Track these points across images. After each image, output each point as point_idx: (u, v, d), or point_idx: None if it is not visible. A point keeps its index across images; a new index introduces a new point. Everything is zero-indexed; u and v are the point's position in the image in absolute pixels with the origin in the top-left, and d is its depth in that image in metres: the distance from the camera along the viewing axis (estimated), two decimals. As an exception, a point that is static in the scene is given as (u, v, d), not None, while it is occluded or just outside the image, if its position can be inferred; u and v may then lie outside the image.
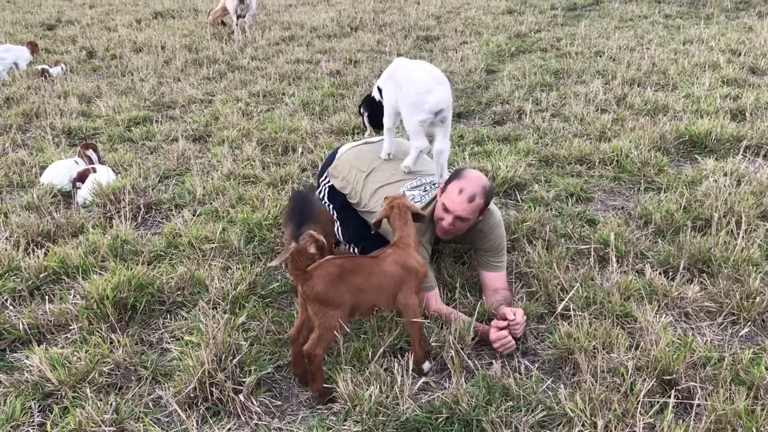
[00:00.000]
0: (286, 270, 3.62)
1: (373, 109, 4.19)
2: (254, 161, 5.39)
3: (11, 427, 2.66)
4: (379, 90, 3.97)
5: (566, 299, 3.30)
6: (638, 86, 7.24)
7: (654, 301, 3.39)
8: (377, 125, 4.16)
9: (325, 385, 2.83)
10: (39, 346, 3.11)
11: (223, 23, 11.66)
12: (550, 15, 12.15)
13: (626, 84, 7.29)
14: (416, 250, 3.03)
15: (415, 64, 3.75)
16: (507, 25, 11.15)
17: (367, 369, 2.90)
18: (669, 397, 2.64)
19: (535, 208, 4.38)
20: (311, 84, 7.99)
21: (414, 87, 3.56)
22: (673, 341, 3.03)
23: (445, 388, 2.89)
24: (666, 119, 6.08)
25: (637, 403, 2.61)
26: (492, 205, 3.44)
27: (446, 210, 3.25)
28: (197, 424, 2.69)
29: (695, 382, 2.76)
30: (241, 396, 2.78)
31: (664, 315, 3.28)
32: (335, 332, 2.77)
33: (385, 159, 3.85)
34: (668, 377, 2.79)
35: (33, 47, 9.33)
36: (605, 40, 9.75)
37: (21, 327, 3.26)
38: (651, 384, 2.71)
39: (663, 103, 6.52)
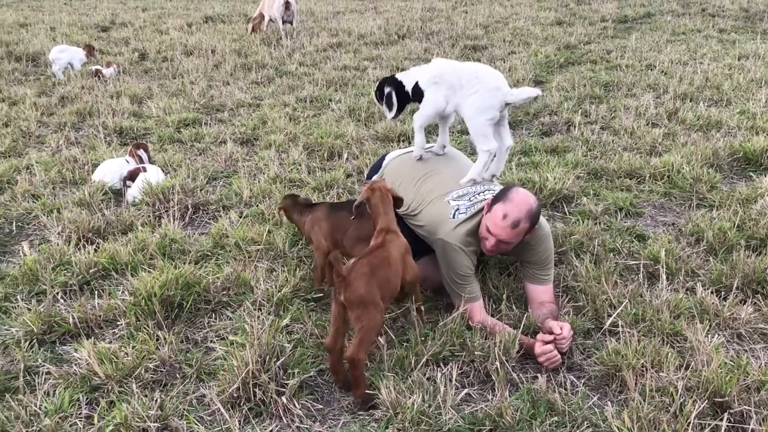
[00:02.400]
0: (324, 284, 3.62)
1: (398, 89, 3.92)
2: (300, 165, 5.43)
3: (60, 417, 2.71)
4: (416, 90, 3.83)
5: (614, 315, 3.24)
6: (690, 101, 7.09)
7: (705, 321, 3.30)
8: (394, 104, 3.92)
9: (367, 391, 2.82)
10: (88, 339, 3.17)
11: (254, 29, 11.77)
12: (600, 27, 12.00)
13: (678, 98, 7.15)
14: (399, 232, 3.16)
15: (465, 65, 3.75)
16: (556, 36, 11.05)
17: (410, 377, 2.88)
18: (721, 420, 2.56)
19: (583, 222, 4.31)
20: (358, 91, 8.03)
21: (483, 85, 3.56)
22: (726, 363, 2.94)
23: (488, 400, 2.85)
24: (719, 135, 5.94)
25: (688, 425, 2.54)
26: (540, 218, 3.39)
27: (489, 232, 3.22)
28: (240, 424, 2.70)
29: (749, 406, 2.66)
30: (283, 398, 2.79)
31: (715, 335, 3.18)
32: (378, 333, 2.79)
33: (416, 158, 3.87)
34: (720, 399, 2.70)
35: (89, 48, 9.57)
36: (657, 53, 9.59)
37: (71, 320, 3.33)
38: (702, 406, 2.63)
39: (716, 119, 6.37)
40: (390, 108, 3.90)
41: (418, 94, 3.81)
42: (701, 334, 3.05)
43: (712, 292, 3.53)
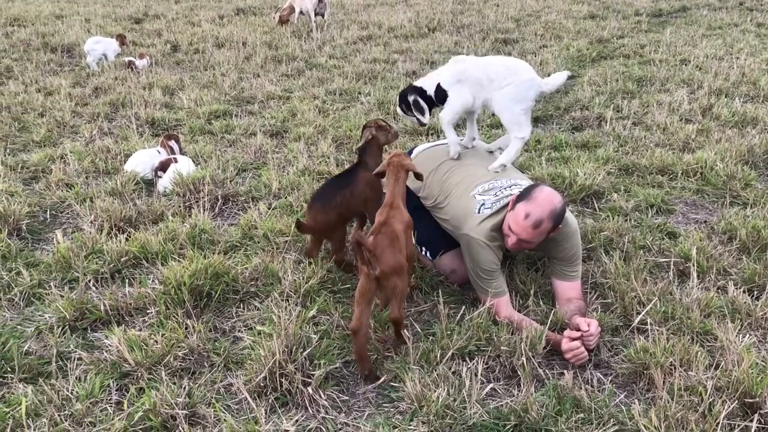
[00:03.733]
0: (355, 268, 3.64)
1: (421, 95, 3.90)
2: (329, 158, 5.45)
3: (90, 403, 2.76)
4: (438, 92, 3.83)
5: (643, 312, 3.21)
6: (726, 97, 6.96)
7: (736, 320, 3.25)
8: (424, 107, 3.90)
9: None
10: (118, 327, 3.23)
11: (281, 21, 11.79)
12: (633, 21, 11.83)
13: (713, 94, 7.02)
14: (403, 207, 3.21)
15: (488, 59, 3.84)
16: (588, 30, 10.91)
17: (435, 371, 2.88)
18: (751, 420, 2.53)
19: (613, 218, 4.27)
20: (387, 84, 8.02)
21: (518, 77, 3.65)
22: (757, 363, 2.90)
23: (513, 396, 2.84)
24: (755, 132, 5.82)
25: (717, 425, 2.51)
26: (568, 214, 3.36)
27: (511, 230, 3.20)
28: (266, 413, 2.73)
29: (781, 408, 2.63)
30: (309, 388, 2.81)
31: (747, 335, 3.12)
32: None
33: (454, 156, 3.86)
34: (750, 400, 2.66)
35: (122, 39, 9.69)
36: (692, 47, 9.42)
37: (102, 308, 3.39)
38: (732, 406, 2.59)
39: (752, 115, 6.25)
40: (422, 112, 3.89)
41: (441, 95, 3.83)
42: (732, 334, 3.01)
43: (744, 291, 3.47)
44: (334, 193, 3.64)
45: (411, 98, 3.88)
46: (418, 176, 3.35)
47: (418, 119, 3.94)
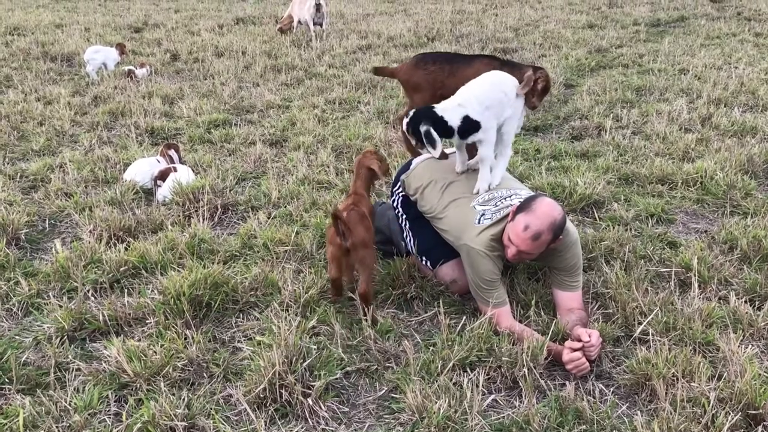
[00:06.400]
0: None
1: (436, 125, 3.48)
2: (328, 167, 5.44)
3: (89, 414, 2.74)
4: (466, 124, 3.51)
5: (645, 323, 3.20)
6: (725, 106, 6.97)
7: (738, 331, 3.24)
8: (437, 140, 3.50)
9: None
10: (117, 337, 3.21)
11: (281, 31, 11.83)
12: (632, 30, 11.87)
13: (712, 103, 7.03)
14: (365, 197, 3.68)
15: (488, 76, 3.81)
16: (587, 40, 10.95)
17: (436, 382, 2.87)
18: (755, 432, 2.51)
19: (613, 228, 4.25)
20: (387, 93, 8.03)
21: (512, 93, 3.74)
22: (760, 374, 2.89)
23: (515, 407, 2.83)
24: (754, 141, 5.83)
25: (720, 437, 2.50)
26: (568, 224, 3.35)
27: (511, 242, 3.19)
28: (266, 425, 2.71)
29: (784, 420, 2.61)
30: (309, 400, 2.79)
31: (749, 346, 3.11)
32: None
33: (458, 171, 3.81)
34: (754, 412, 2.65)
35: (122, 48, 9.69)
36: (690, 57, 9.45)
37: (101, 318, 3.36)
38: (735, 418, 2.58)
39: (751, 125, 6.26)
40: (434, 146, 3.49)
41: (469, 128, 3.53)
42: (734, 344, 2.99)
43: (745, 302, 3.46)
44: None
45: (423, 129, 3.46)
46: (375, 176, 3.72)
47: (428, 152, 3.60)
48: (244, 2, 18.40)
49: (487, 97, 3.58)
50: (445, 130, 3.51)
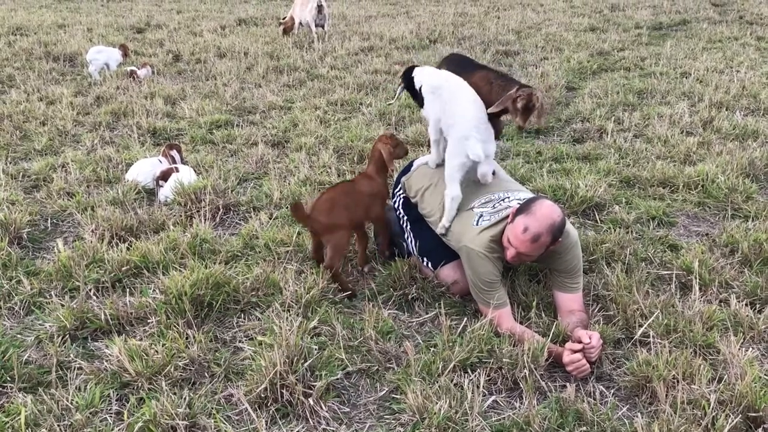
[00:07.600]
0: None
1: (409, 86, 3.97)
2: (330, 168, 5.45)
3: (90, 413, 2.75)
4: (418, 92, 3.83)
5: (645, 325, 3.20)
6: (726, 110, 6.97)
7: (739, 333, 3.24)
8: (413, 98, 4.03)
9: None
10: (119, 336, 3.21)
11: (285, 31, 11.85)
12: (634, 34, 11.88)
13: (713, 107, 7.04)
14: (374, 179, 3.88)
15: (462, 92, 3.62)
16: (589, 43, 10.95)
17: (437, 383, 2.87)
18: (755, 435, 2.52)
19: (614, 230, 4.26)
20: (389, 94, 8.03)
21: (454, 131, 3.54)
22: (760, 377, 2.89)
23: (515, 408, 2.84)
24: (756, 145, 5.83)
25: (720, 439, 2.50)
26: (569, 225, 3.35)
27: (510, 243, 3.20)
28: (266, 425, 2.72)
29: (784, 422, 2.62)
30: (310, 400, 2.80)
31: (749, 348, 3.11)
32: (345, 247, 3.75)
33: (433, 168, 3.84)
34: (754, 414, 2.65)
35: (124, 49, 9.71)
36: (692, 61, 9.46)
37: (103, 317, 3.37)
38: (735, 420, 2.58)
39: (753, 128, 6.26)
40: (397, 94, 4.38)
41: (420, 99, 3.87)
42: (735, 347, 3.00)
43: (746, 305, 3.46)
44: None
45: (402, 81, 4.12)
46: (388, 162, 3.81)
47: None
48: (246, 3, 18.41)
49: (440, 90, 3.68)
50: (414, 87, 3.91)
